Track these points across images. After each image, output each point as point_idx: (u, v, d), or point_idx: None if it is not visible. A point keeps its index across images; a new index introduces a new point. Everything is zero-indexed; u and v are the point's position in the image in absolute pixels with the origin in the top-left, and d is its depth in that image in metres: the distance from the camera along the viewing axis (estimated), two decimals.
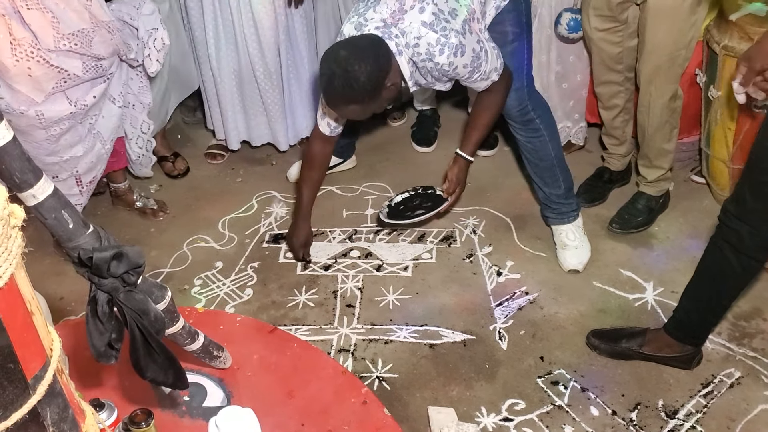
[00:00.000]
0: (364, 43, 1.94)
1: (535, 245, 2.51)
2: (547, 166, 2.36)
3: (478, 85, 2.09)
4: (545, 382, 2.03)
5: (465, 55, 1.96)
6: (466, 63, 1.98)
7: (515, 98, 2.21)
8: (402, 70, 1.98)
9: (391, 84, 1.96)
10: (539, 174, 2.39)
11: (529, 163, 2.40)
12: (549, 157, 2.34)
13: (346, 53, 1.89)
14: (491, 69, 2.05)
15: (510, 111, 2.25)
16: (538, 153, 2.33)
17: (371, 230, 2.64)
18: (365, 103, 1.95)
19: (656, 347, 2.03)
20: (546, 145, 2.31)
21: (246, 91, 2.82)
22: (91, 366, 1.31)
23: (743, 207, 1.67)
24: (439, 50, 1.93)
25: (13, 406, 0.75)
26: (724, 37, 2.27)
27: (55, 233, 0.88)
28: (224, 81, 2.78)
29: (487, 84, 2.10)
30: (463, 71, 2.00)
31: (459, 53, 1.95)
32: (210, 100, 2.93)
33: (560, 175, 2.38)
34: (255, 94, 2.83)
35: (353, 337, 2.20)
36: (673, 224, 2.57)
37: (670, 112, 2.35)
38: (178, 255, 2.57)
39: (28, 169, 0.82)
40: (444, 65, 1.96)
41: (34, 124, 2.18)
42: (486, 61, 2.02)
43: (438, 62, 1.96)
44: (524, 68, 2.22)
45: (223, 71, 2.76)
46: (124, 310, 0.94)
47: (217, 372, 1.36)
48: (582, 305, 2.27)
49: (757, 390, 1.97)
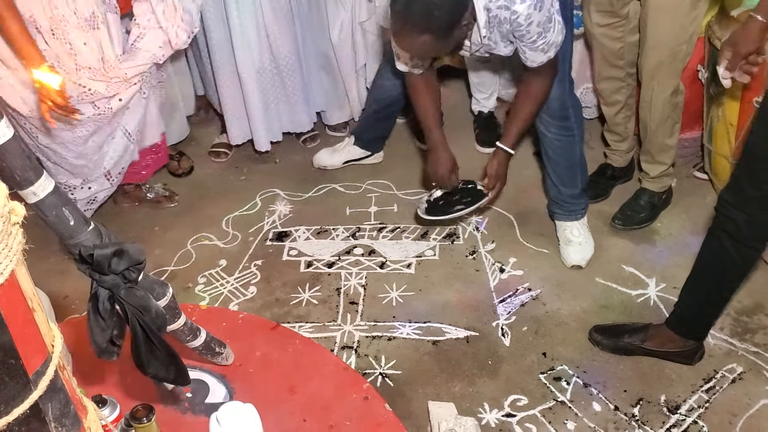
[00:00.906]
0: None
1: (538, 242, 2.51)
2: (569, 166, 2.35)
3: (536, 56, 2.01)
4: (548, 377, 2.03)
5: (542, 12, 1.89)
6: (540, 21, 1.90)
7: (559, 90, 2.16)
8: (477, 12, 1.90)
9: (465, 23, 1.88)
10: (559, 173, 2.37)
11: (550, 161, 2.36)
12: (574, 158, 2.33)
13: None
14: (553, 41, 1.98)
15: (551, 104, 2.19)
16: (565, 152, 2.31)
17: (374, 228, 2.64)
18: (439, 37, 1.84)
19: (658, 342, 2.03)
20: (574, 146, 2.30)
21: (269, 83, 2.82)
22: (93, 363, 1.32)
23: (740, 195, 1.67)
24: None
25: (14, 401, 0.75)
26: (725, 33, 2.26)
27: (56, 230, 0.89)
28: (250, 77, 2.75)
29: (543, 59, 2.02)
30: (535, 30, 1.92)
31: (538, 8, 1.88)
32: (228, 104, 2.88)
33: (579, 176, 2.37)
34: (278, 84, 2.83)
35: (356, 334, 2.21)
36: (675, 220, 2.57)
37: (672, 108, 2.35)
38: (182, 253, 2.58)
39: (28, 166, 0.83)
40: (521, 16, 1.89)
41: (59, 126, 2.21)
42: (553, 30, 1.95)
43: (516, 11, 1.88)
44: (568, 61, 2.19)
45: (247, 67, 2.73)
46: (125, 307, 0.95)
47: (220, 368, 1.37)
48: (584, 301, 2.27)
49: (759, 385, 1.97)
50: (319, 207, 2.77)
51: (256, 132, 2.90)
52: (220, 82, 2.80)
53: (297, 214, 2.74)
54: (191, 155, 3.06)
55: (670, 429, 1.87)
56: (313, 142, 3.13)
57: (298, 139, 3.14)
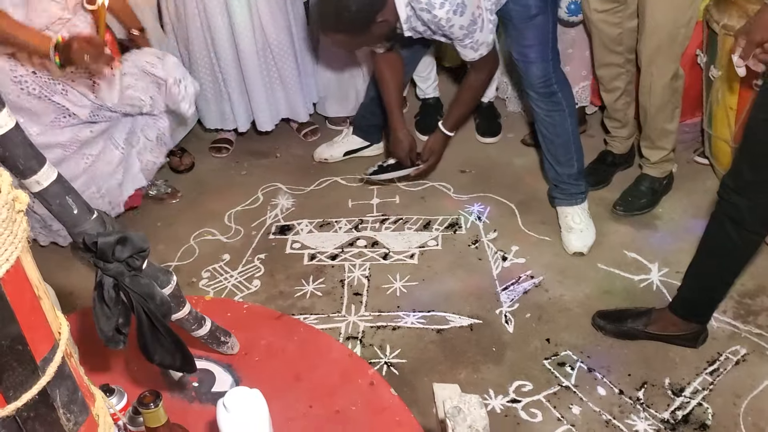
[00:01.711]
0: None
1: (540, 230, 2.52)
2: (562, 143, 2.37)
3: (467, 53, 2.14)
4: (552, 363, 2.04)
5: (464, 17, 2.00)
6: (462, 24, 2.01)
7: (541, 69, 2.25)
8: (398, 11, 2.02)
9: (382, 20, 2.01)
10: (554, 152, 2.40)
11: (545, 140, 2.41)
12: (566, 133, 2.36)
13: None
14: (483, 41, 2.09)
15: (534, 82, 2.28)
16: (557, 128, 2.35)
17: (377, 219, 2.65)
18: (353, 35, 2.03)
19: (661, 326, 2.04)
20: (565, 120, 2.34)
21: (266, 68, 2.83)
22: (100, 354, 1.33)
23: (741, 180, 1.68)
24: (440, 4, 1.96)
25: (23, 387, 0.76)
26: (723, 17, 2.27)
27: (59, 219, 0.90)
28: (248, 61, 2.77)
29: (474, 55, 2.14)
30: (459, 32, 2.04)
31: (459, 12, 1.98)
32: (232, 90, 2.89)
33: (574, 154, 2.40)
34: (273, 69, 2.84)
35: (361, 325, 2.22)
36: (677, 205, 2.57)
37: (672, 92, 2.35)
38: (185, 249, 2.59)
39: (31, 155, 0.84)
40: (441, 20, 2.00)
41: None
42: (480, 30, 2.05)
43: (436, 15, 1.99)
44: (549, 42, 2.25)
45: (246, 51, 2.75)
46: (130, 295, 0.96)
47: (225, 358, 1.38)
48: (587, 287, 2.28)
49: (762, 366, 1.97)
50: (321, 200, 2.78)
51: (258, 111, 2.91)
52: (224, 66, 2.81)
53: (299, 207, 2.75)
54: (192, 151, 3.07)
55: (675, 411, 1.88)
56: (313, 136, 3.13)
57: (298, 132, 3.15)
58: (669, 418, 1.86)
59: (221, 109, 2.97)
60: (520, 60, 2.29)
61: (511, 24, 2.26)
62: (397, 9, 2.03)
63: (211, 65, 2.84)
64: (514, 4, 2.19)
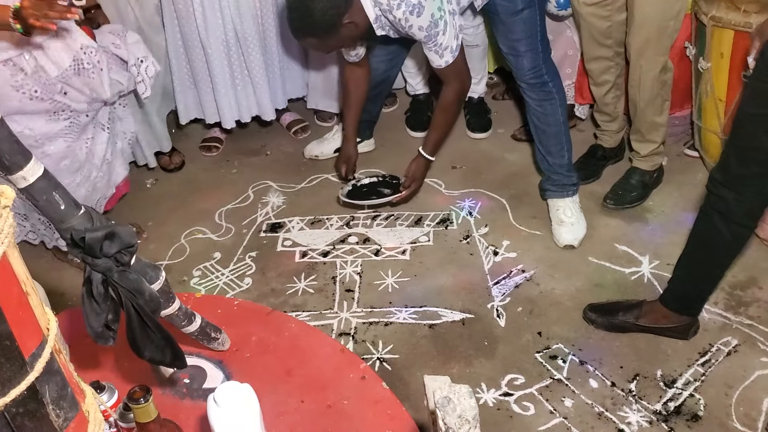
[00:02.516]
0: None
1: (531, 224, 2.52)
2: (554, 133, 2.39)
3: (433, 57, 2.16)
4: (544, 356, 2.04)
5: (422, 18, 2.02)
6: (421, 26, 2.04)
7: (531, 61, 2.27)
8: (366, 11, 2.06)
9: (349, 22, 2.04)
10: (545, 142, 2.42)
11: (536, 130, 2.42)
12: (557, 123, 2.37)
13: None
14: (446, 45, 2.10)
15: (524, 73, 2.30)
16: (548, 118, 2.36)
17: (368, 216, 2.65)
18: (322, 38, 2.07)
19: (653, 319, 2.04)
20: (556, 110, 2.35)
21: (234, 62, 2.80)
22: (89, 351, 1.32)
23: (728, 174, 1.68)
24: (397, 4, 2.00)
25: (11, 383, 0.76)
26: (711, 8, 2.28)
27: (46, 215, 0.90)
28: (214, 54, 2.74)
29: (440, 62, 2.16)
30: (419, 33, 2.07)
31: (416, 13, 2.01)
32: (200, 82, 2.87)
33: (565, 144, 2.42)
34: (241, 64, 2.82)
35: (353, 321, 2.22)
36: (667, 198, 2.58)
37: (661, 85, 2.36)
38: (176, 247, 2.58)
39: (17, 150, 0.83)
40: (401, 20, 2.03)
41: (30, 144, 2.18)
42: (443, 33, 2.07)
43: (396, 16, 2.02)
44: (537, 34, 2.27)
45: (212, 44, 2.72)
46: (118, 290, 0.95)
47: (216, 354, 1.37)
48: (578, 281, 2.28)
49: (753, 357, 1.98)
50: (312, 197, 2.78)
51: (222, 108, 2.88)
52: (192, 56, 2.79)
53: (290, 205, 2.75)
54: (182, 150, 3.06)
55: (667, 403, 1.89)
56: (303, 133, 3.13)
57: (288, 130, 3.14)
58: (661, 410, 1.87)
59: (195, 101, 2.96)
60: (510, 53, 2.30)
61: (498, 19, 2.26)
62: (365, 10, 2.06)
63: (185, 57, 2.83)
64: (501, 0, 2.20)
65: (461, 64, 2.21)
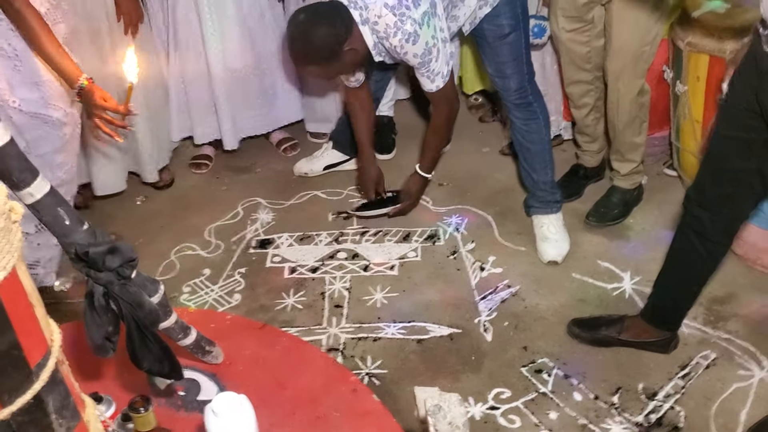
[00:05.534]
0: (324, 8, 2.11)
1: (516, 240, 2.58)
2: (538, 151, 2.46)
3: (424, 82, 2.24)
4: (529, 370, 2.09)
5: (417, 45, 2.09)
6: (416, 53, 2.11)
7: (517, 82, 2.35)
8: (365, 38, 2.12)
9: (349, 49, 2.11)
10: (530, 160, 2.49)
11: (521, 148, 2.49)
12: (542, 141, 2.45)
13: (305, 17, 2.09)
14: (438, 71, 2.18)
15: (510, 94, 2.38)
16: (533, 136, 2.44)
17: (357, 232, 2.69)
18: (323, 65, 2.15)
19: (634, 333, 2.10)
20: (541, 129, 2.43)
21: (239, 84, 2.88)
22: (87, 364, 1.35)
23: (703, 193, 1.75)
24: (393, 33, 2.06)
25: (17, 391, 0.79)
26: (687, 34, 2.36)
27: (52, 230, 0.93)
28: (218, 74, 2.81)
29: (431, 86, 2.24)
30: (414, 60, 2.15)
31: (411, 41, 2.08)
32: (194, 103, 2.93)
33: (549, 162, 2.49)
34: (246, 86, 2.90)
35: (342, 337, 2.25)
36: (647, 216, 2.65)
37: (639, 107, 2.43)
38: (166, 264, 2.60)
39: (25, 167, 0.87)
40: (396, 47, 2.10)
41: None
42: (435, 60, 2.15)
43: (391, 43, 2.09)
44: (523, 57, 2.35)
45: (218, 64, 2.79)
46: (119, 303, 0.98)
47: (210, 367, 1.40)
48: (562, 296, 2.33)
49: (731, 370, 2.04)
50: (301, 214, 2.82)
51: (224, 130, 2.96)
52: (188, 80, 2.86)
53: (279, 221, 2.78)
54: (172, 167, 3.09)
55: (649, 415, 1.93)
56: (293, 151, 3.17)
57: (278, 148, 3.19)
58: (643, 422, 1.92)
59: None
60: (496, 75, 2.37)
61: (486, 42, 2.33)
62: (364, 37, 2.13)
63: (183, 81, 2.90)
64: (488, 24, 2.28)
65: (451, 89, 2.30)
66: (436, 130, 2.45)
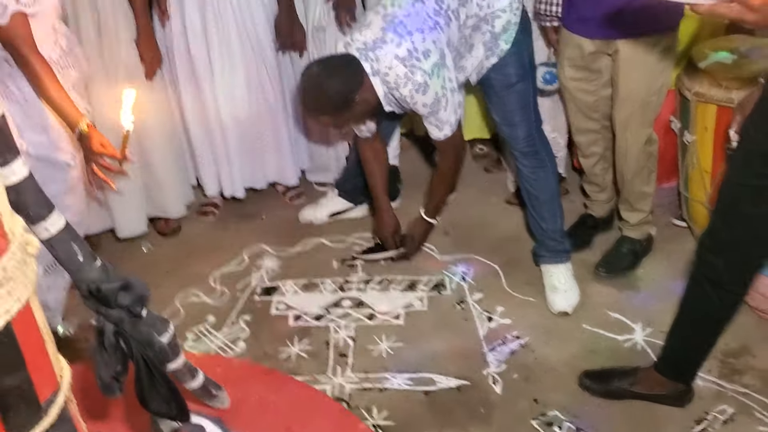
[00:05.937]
0: (337, 61, 2.15)
1: (524, 290, 2.55)
2: (547, 199, 2.46)
3: (432, 130, 2.26)
4: (540, 423, 2.03)
5: (426, 95, 2.13)
6: (425, 102, 2.15)
7: (524, 131, 2.37)
8: (376, 89, 2.16)
9: (360, 99, 2.14)
10: (539, 208, 2.48)
11: (530, 197, 2.49)
12: (550, 190, 2.45)
13: (318, 69, 2.14)
14: (446, 120, 2.21)
15: (518, 142, 2.40)
16: (541, 184, 2.44)
17: (362, 280, 2.67)
18: (336, 116, 2.19)
19: (647, 386, 2.05)
20: (549, 177, 2.44)
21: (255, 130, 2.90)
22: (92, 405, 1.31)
23: (716, 240, 1.73)
24: (404, 83, 2.10)
25: (25, 428, 0.76)
26: (695, 85, 2.39)
27: (65, 265, 0.91)
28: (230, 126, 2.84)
29: (439, 135, 2.25)
30: (423, 109, 2.18)
31: (421, 91, 2.11)
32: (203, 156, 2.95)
33: (557, 210, 2.48)
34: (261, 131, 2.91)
35: (347, 387, 2.20)
36: (657, 267, 2.62)
37: (647, 157, 2.44)
38: (170, 310, 2.57)
39: (42, 202, 0.86)
40: (406, 97, 2.14)
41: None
42: (444, 110, 2.18)
43: (402, 93, 2.13)
44: (530, 105, 2.38)
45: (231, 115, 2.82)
46: (130, 341, 0.96)
47: (215, 411, 1.36)
48: (573, 347, 2.29)
49: (751, 425, 1.99)
50: (306, 261, 2.80)
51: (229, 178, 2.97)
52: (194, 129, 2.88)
53: (284, 268, 2.76)
54: None
55: None
56: (298, 199, 3.17)
57: (284, 196, 3.19)
58: None
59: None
60: (504, 124, 2.39)
61: (493, 91, 2.36)
62: (375, 87, 2.16)
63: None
64: (495, 74, 2.31)
65: (458, 137, 2.31)
66: (443, 177, 2.46)
